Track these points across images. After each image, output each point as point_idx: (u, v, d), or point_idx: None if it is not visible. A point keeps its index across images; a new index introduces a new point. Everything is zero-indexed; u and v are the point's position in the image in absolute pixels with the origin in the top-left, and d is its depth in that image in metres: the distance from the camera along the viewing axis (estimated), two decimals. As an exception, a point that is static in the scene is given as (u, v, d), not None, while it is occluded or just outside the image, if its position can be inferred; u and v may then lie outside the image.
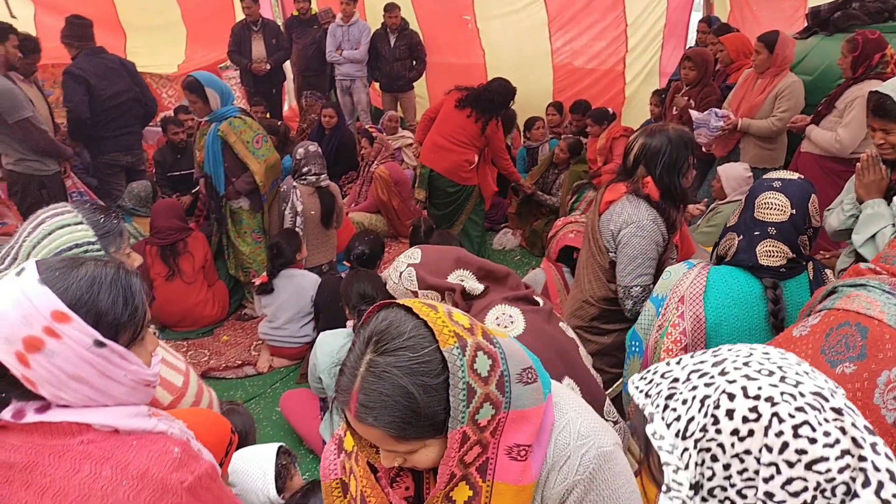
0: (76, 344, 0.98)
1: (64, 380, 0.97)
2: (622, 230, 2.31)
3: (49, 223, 1.35)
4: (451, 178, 4.72)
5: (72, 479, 0.97)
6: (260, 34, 6.87)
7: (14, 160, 4.14)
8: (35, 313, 0.96)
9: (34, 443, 0.99)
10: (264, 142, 3.99)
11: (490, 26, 6.96)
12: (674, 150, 2.25)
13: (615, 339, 2.48)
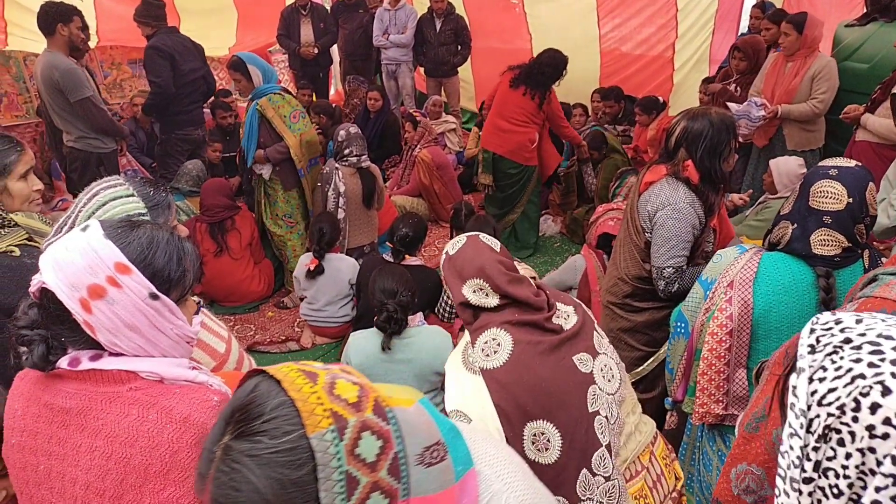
0: (134, 294, 1.05)
1: (120, 327, 1.05)
2: (658, 211, 2.32)
3: (103, 195, 1.42)
4: (514, 159, 4.78)
5: (121, 423, 1.04)
6: (308, 18, 6.97)
7: (75, 137, 4.32)
8: (100, 263, 1.03)
9: (87, 389, 1.07)
10: (301, 117, 4.07)
11: (538, 10, 6.89)
12: (715, 133, 2.24)
13: (648, 318, 2.51)
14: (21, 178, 1.80)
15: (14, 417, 1.12)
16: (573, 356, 1.58)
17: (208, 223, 4.27)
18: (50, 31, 4.09)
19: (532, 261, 4.99)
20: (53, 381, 1.10)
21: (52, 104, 4.20)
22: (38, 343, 1.05)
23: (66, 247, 1.05)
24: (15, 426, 1.11)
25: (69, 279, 1.02)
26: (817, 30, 4.01)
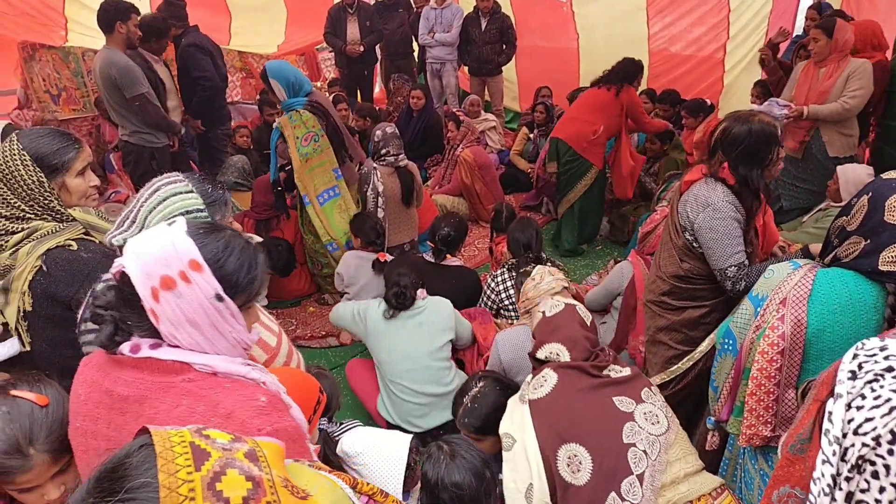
0: (201, 292, 1.09)
1: (182, 321, 1.09)
2: (699, 214, 2.30)
3: (163, 190, 1.47)
4: (571, 144, 4.80)
5: (171, 413, 1.08)
6: (355, 16, 7.03)
7: (129, 132, 4.46)
8: (176, 258, 1.08)
9: (144, 378, 1.10)
10: (313, 141, 3.95)
11: (587, 9, 6.82)
12: (753, 141, 2.21)
13: (684, 316, 2.50)
14: (79, 175, 1.84)
15: (78, 402, 1.16)
16: (613, 396, 1.78)
17: (255, 219, 4.35)
18: (109, 28, 4.22)
19: (572, 263, 4.94)
20: (113, 368, 1.13)
21: (109, 99, 4.35)
22: (108, 323, 1.11)
23: (150, 237, 1.11)
24: (79, 410, 1.16)
25: (145, 267, 1.08)
26: (847, 33, 3.97)
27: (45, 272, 1.73)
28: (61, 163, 1.79)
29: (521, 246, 3.46)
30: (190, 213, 1.47)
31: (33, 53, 5.73)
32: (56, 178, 1.79)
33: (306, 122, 3.89)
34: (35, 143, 1.77)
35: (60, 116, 5.85)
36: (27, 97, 5.76)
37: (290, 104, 3.91)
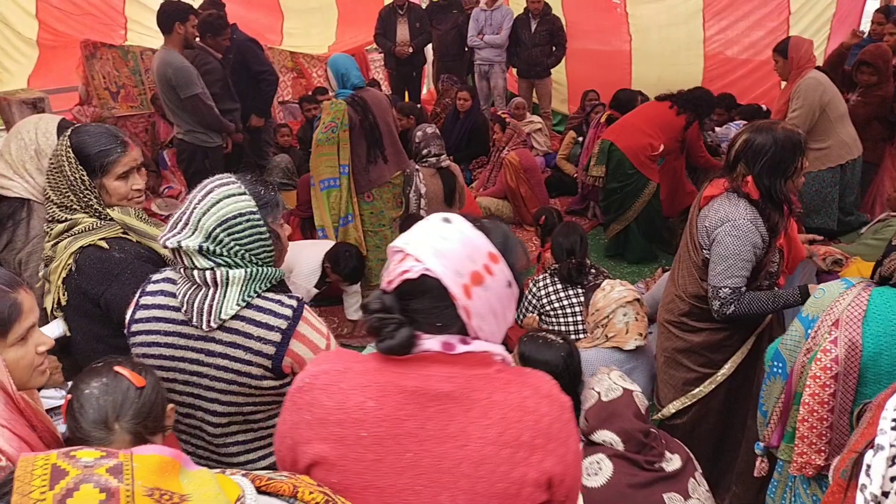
0: (501, 282, 1.11)
1: (488, 313, 1.10)
2: (717, 228, 2.21)
3: (217, 192, 1.48)
4: (629, 156, 4.65)
5: (508, 401, 1.08)
6: (405, 18, 7.06)
7: (184, 131, 4.57)
8: (478, 252, 1.10)
9: (462, 373, 1.09)
10: (330, 131, 3.97)
11: (641, 11, 6.70)
12: (778, 151, 2.11)
13: (705, 339, 2.40)
14: (119, 178, 1.84)
15: (364, 410, 1.09)
16: (664, 493, 1.79)
17: (301, 217, 4.41)
18: (168, 28, 4.34)
19: (619, 269, 4.85)
20: (410, 367, 1.10)
21: (165, 98, 4.47)
22: (399, 327, 1.08)
23: (442, 235, 1.11)
24: (367, 419, 1.08)
25: (455, 266, 1.08)
26: (802, 49, 4.04)
27: (77, 269, 1.78)
28: (101, 165, 1.81)
29: (564, 251, 3.41)
30: (243, 215, 1.48)
31: (95, 52, 5.95)
32: (96, 178, 1.82)
33: (335, 112, 3.94)
34: (82, 141, 1.81)
35: (118, 113, 6.05)
36: (88, 94, 5.98)
37: (338, 94, 4.02)
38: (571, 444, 1.14)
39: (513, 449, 1.06)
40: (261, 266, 1.52)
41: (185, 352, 1.52)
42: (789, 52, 4.03)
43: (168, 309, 1.52)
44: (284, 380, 1.56)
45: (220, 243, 1.45)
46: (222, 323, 1.47)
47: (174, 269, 1.56)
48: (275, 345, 1.50)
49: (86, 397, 1.30)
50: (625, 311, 2.62)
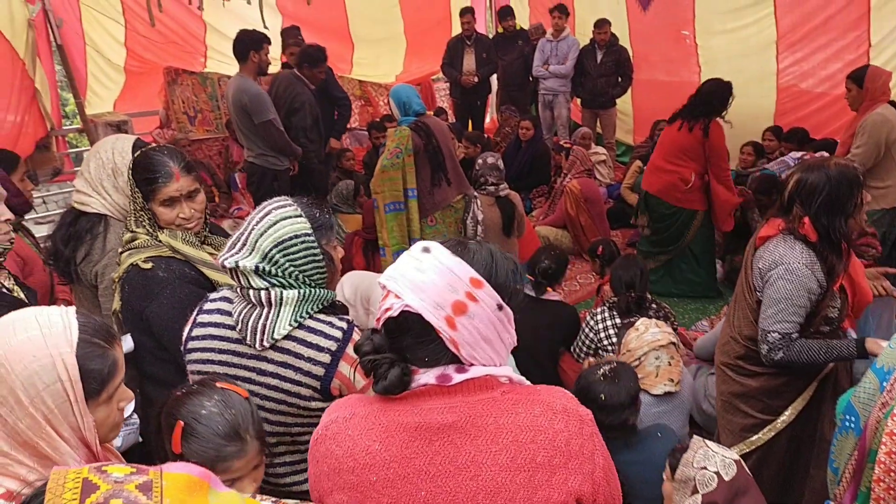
0: (487, 307, 1.07)
1: (478, 340, 1.07)
2: (771, 270, 2.12)
3: (274, 214, 1.52)
4: (664, 198, 4.57)
5: (516, 422, 1.05)
6: (472, 48, 7.17)
7: (255, 154, 4.75)
8: (458, 280, 1.06)
9: (462, 401, 1.06)
10: (395, 157, 4.05)
11: (711, 42, 6.56)
12: (833, 188, 2.01)
13: (763, 384, 2.29)
14: (164, 205, 1.90)
15: (370, 454, 1.08)
16: None
17: (364, 239, 4.50)
18: (243, 56, 4.55)
19: (682, 306, 4.69)
20: (409, 404, 1.08)
21: (239, 123, 4.67)
22: (392, 366, 1.07)
23: (418, 268, 1.07)
24: (375, 462, 1.07)
25: (433, 299, 1.05)
26: (879, 81, 3.88)
27: (126, 282, 1.88)
28: (146, 191, 1.89)
29: (623, 284, 3.32)
30: (298, 237, 1.51)
31: (176, 78, 6.29)
32: (148, 201, 1.91)
33: (400, 138, 4.02)
34: (138, 164, 1.90)
35: (193, 136, 6.35)
36: (168, 117, 6.31)
37: (401, 122, 4.10)
38: (598, 459, 1.09)
39: (529, 472, 1.02)
40: (313, 287, 1.54)
41: (237, 370, 1.55)
42: (865, 83, 3.87)
43: (223, 327, 1.56)
44: (332, 402, 1.57)
45: (276, 264, 1.49)
46: (274, 342, 1.50)
47: (232, 289, 1.60)
48: (324, 366, 1.51)
49: (209, 416, 1.32)
50: (657, 355, 2.54)
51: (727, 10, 6.18)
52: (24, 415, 1.02)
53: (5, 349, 1.02)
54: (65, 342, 1.05)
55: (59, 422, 1.05)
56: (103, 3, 5.92)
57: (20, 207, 2.55)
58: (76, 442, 1.07)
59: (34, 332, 1.04)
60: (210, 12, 5.76)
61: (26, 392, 1.01)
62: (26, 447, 1.03)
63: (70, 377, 1.04)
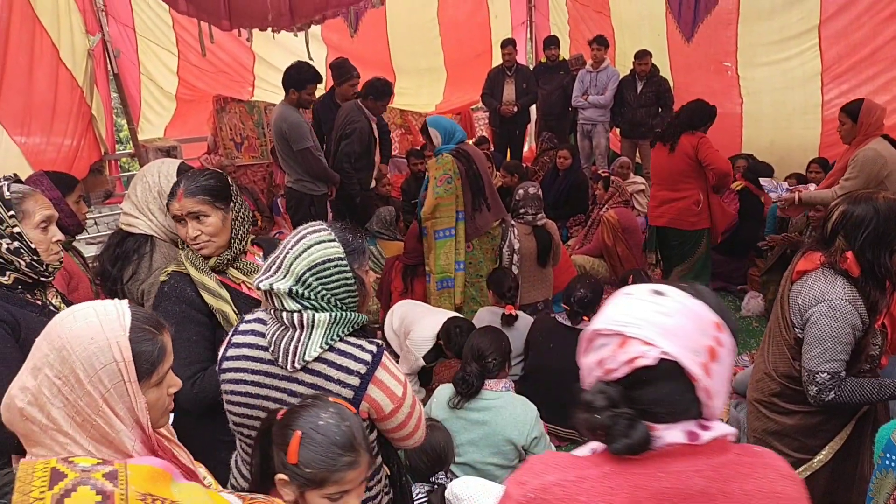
0: (730, 351, 1.01)
1: (722, 388, 1.00)
2: (812, 307, 2.04)
3: (308, 238, 1.57)
4: (678, 226, 4.60)
5: (761, 489, 0.98)
6: (512, 79, 7.25)
7: (293, 179, 4.89)
8: (706, 323, 1.00)
9: (706, 464, 0.98)
10: (446, 182, 4.10)
11: (753, 73, 6.49)
12: (881, 222, 1.95)
13: (798, 422, 2.20)
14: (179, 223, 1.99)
15: None
16: None
17: (404, 264, 4.55)
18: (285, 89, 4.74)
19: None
20: (653, 465, 0.98)
21: (279, 149, 4.83)
22: (633, 422, 0.97)
23: (662, 312, 0.99)
24: None
25: (689, 344, 0.97)
26: (874, 116, 3.80)
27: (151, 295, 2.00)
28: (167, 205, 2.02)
29: None
30: (331, 261, 1.54)
31: (224, 105, 6.51)
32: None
33: (445, 165, 4.09)
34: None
35: (238, 162, 6.55)
36: (215, 143, 6.53)
37: (441, 149, 4.16)
38: None
39: None
40: (345, 311, 1.57)
41: (269, 391, 1.58)
42: (860, 117, 3.82)
43: (257, 348, 1.60)
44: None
45: (309, 287, 1.52)
46: (306, 364, 1.53)
47: (266, 311, 1.64)
48: (353, 388, 1.53)
49: (326, 427, 1.37)
50: None
51: (770, 41, 6.12)
52: (83, 393, 1.11)
53: (67, 334, 1.12)
54: (119, 327, 1.15)
55: (115, 401, 1.13)
56: (159, 35, 6.21)
57: (73, 228, 2.64)
58: (131, 422, 1.16)
59: (92, 319, 1.15)
60: (259, 43, 5.96)
61: (85, 372, 1.10)
62: (85, 427, 1.11)
63: (123, 358, 1.13)
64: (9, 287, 1.75)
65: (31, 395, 1.10)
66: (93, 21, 5.61)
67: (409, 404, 1.63)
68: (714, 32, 6.51)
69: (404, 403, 1.62)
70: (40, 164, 4.98)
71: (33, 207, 1.79)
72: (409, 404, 1.63)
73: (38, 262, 1.79)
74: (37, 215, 1.79)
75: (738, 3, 6.18)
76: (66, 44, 5.15)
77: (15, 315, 1.70)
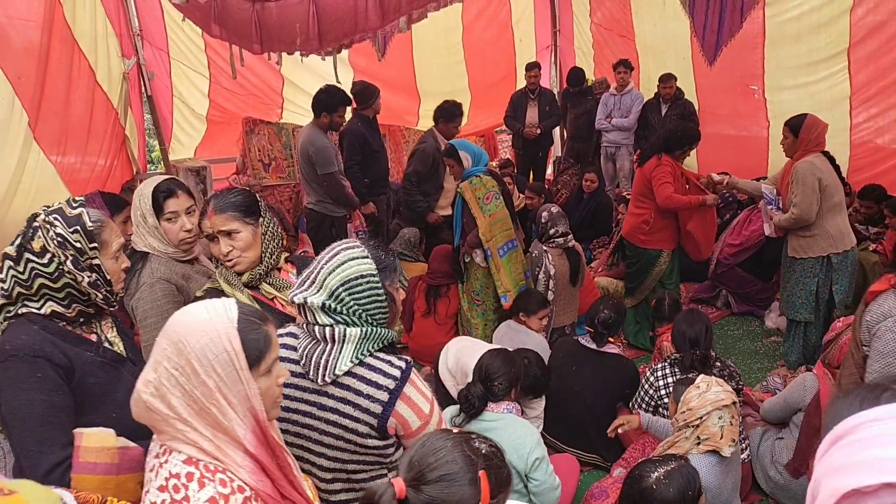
0: None
1: None
2: (878, 323, 2.05)
3: (342, 255, 1.60)
4: (629, 240, 4.68)
5: None
6: (536, 102, 7.31)
7: (315, 201, 4.96)
8: None
9: None
10: (494, 198, 4.13)
11: (780, 97, 6.46)
12: None
13: None
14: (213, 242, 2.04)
15: None
16: None
17: (427, 284, 4.57)
18: (318, 113, 4.83)
19: (747, 364, 4.49)
20: None
21: (303, 171, 4.91)
22: None
23: None
24: None
25: None
26: (815, 132, 3.87)
27: None
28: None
29: (687, 341, 3.22)
30: (363, 277, 1.56)
31: (253, 127, 6.64)
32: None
33: (486, 184, 4.12)
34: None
35: (266, 183, 6.65)
36: (244, 164, 6.65)
37: (471, 172, 4.16)
38: None
39: None
40: (375, 326, 1.59)
41: (299, 404, 1.60)
42: (801, 132, 3.89)
43: (289, 362, 1.61)
44: (388, 440, 1.59)
45: (342, 302, 1.55)
46: (336, 378, 1.55)
47: (298, 325, 1.67)
48: (382, 404, 1.54)
49: None
50: (720, 415, 2.43)
51: (798, 65, 6.09)
52: (198, 383, 1.20)
53: (182, 328, 1.23)
54: (227, 320, 1.24)
55: (228, 389, 1.22)
56: (191, 59, 6.38)
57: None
58: (243, 411, 1.24)
59: (203, 315, 1.24)
60: (288, 67, 6.09)
61: (199, 362, 1.20)
62: (202, 415, 1.21)
63: (234, 347, 1.22)
64: (69, 321, 1.64)
65: (154, 387, 1.21)
66: (128, 45, 5.80)
67: (435, 422, 1.65)
68: (739, 56, 6.50)
69: (431, 421, 1.63)
70: (74, 183, 5.12)
71: (110, 237, 1.70)
72: (435, 422, 1.65)
73: (111, 292, 1.69)
74: (113, 245, 1.70)
75: (763, 27, 6.17)
76: (102, 67, 5.31)
77: (70, 357, 1.59)
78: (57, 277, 1.58)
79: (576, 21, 8.29)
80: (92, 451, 1.48)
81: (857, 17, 5.42)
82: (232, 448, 1.24)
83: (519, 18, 8.16)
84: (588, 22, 8.05)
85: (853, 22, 5.45)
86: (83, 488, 1.43)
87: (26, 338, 1.55)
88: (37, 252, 1.57)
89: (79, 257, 1.60)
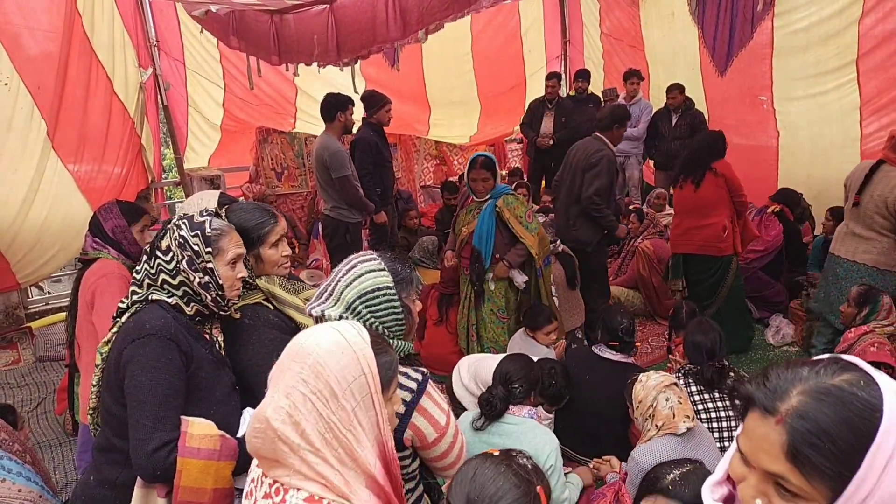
0: None
1: None
2: None
3: (359, 267, 1.63)
4: (706, 253, 4.61)
5: None
6: (552, 111, 7.30)
7: (330, 207, 5.00)
8: None
9: None
10: (534, 216, 4.14)
11: (789, 107, 6.46)
12: None
13: None
14: (272, 246, 2.07)
15: None
16: None
17: (440, 293, 4.60)
18: (331, 117, 4.87)
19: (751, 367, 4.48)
20: None
21: (319, 177, 4.96)
22: None
23: None
24: None
25: None
26: None
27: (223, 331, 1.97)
28: (258, 236, 2.03)
29: (702, 352, 3.17)
30: (380, 289, 1.59)
31: (267, 136, 6.72)
32: (253, 250, 2.03)
33: (521, 202, 4.13)
34: (240, 217, 2.03)
35: (279, 191, 6.72)
36: (257, 173, 6.72)
37: (501, 190, 4.06)
38: None
39: None
40: (392, 338, 1.62)
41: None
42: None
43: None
44: (404, 452, 1.61)
45: (358, 314, 1.58)
46: (353, 390, 1.57)
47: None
48: (398, 416, 1.56)
49: None
50: (666, 396, 2.52)
51: (807, 75, 6.10)
52: (337, 407, 1.14)
53: (319, 351, 1.16)
54: (361, 341, 1.20)
55: (363, 414, 1.17)
56: (207, 69, 6.47)
57: (135, 255, 2.74)
58: (372, 439, 1.18)
59: (336, 337, 1.19)
60: (301, 77, 6.17)
61: (339, 385, 1.14)
62: (332, 445, 1.13)
63: (371, 369, 1.18)
64: (190, 317, 1.77)
65: (286, 413, 1.12)
66: (146, 55, 5.88)
67: (451, 433, 1.65)
68: (748, 66, 6.52)
69: (447, 432, 1.63)
70: (90, 191, 5.20)
71: (227, 245, 1.80)
72: (451, 433, 1.65)
73: (222, 296, 1.79)
74: (229, 253, 1.80)
75: (771, 38, 6.19)
76: (119, 77, 5.40)
77: (193, 348, 1.73)
78: (174, 274, 1.73)
79: (585, 31, 8.34)
80: (196, 437, 1.56)
81: (866, 27, 5.42)
82: (359, 483, 1.15)
83: (528, 28, 8.22)
84: (598, 32, 8.09)
85: (862, 32, 5.45)
86: (188, 471, 1.52)
87: (164, 321, 1.68)
88: (163, 250, 1.75)
89: (194, 258, 1.74)
